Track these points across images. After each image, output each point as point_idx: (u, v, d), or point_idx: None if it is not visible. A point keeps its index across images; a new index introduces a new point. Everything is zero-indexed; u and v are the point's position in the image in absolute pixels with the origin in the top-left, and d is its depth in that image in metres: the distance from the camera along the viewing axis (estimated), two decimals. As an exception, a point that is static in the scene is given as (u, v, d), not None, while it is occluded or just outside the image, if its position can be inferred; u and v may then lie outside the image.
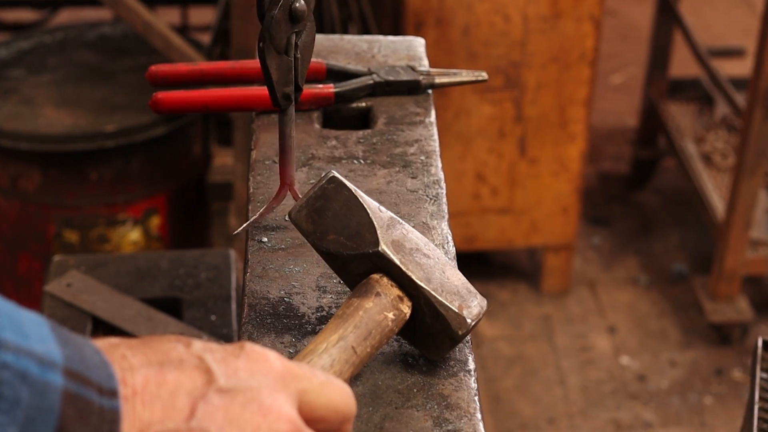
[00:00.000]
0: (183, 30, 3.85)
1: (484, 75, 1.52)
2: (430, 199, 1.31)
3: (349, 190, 1.08)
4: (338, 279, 1.16)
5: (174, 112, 1.46)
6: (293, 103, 1.23)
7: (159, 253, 2.53)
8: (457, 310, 1.05)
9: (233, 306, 1.79)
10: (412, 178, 1.34)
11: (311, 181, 1.32)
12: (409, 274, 1.05)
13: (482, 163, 3.55)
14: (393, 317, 1.04)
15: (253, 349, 0.79)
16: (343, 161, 1.36)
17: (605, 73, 4.88)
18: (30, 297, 3.12)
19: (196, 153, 3.32)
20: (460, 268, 1.19)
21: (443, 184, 1.33)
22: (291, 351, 1.08)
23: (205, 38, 3.56)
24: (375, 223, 1.06)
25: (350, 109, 1.48)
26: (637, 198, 4.31)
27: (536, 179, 3.60)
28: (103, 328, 1.73)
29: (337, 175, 1.08)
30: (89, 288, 1.79)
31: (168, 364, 0.74)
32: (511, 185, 3.60)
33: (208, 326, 1.75)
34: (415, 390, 1.04)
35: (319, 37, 1.63)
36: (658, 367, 3.57)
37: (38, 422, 0.66)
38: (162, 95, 1.39)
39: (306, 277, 1.17)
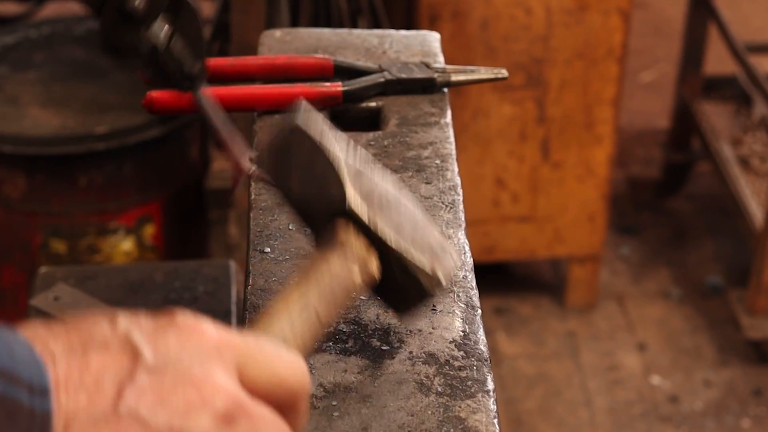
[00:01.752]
0: (179, 24, 3.85)
1: (504, 72, 1.52)
2: (446, 206, 1.30)
3: (312, 139, 1.04)
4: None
5: (169, 113, 1.47)
6: (197, 83, 1.25)
7: (153, 264, 2.54)
8: (428, 270, 1.04)
9: (233, 322, 1.79)
10: (427, 183, 1.34)
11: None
12: (379, 234, 1.03)
13: (502, 167, 3.55)
14: (359, 273, 1.02)
15: (185, 320, 0.80)
16: (352, 165, 1.36)
17: (634, 71, 4.87)
18: (14, 311, 3.12)
19: (194, 157, 3.32)
20: (477, 281, 1.19)
21: (460, 190, 1.33)
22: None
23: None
24: (342, 175, 1.04)
25: (360, 109, 1.48)
26: (669, 205, 4.31)
27: (560, 185, 3.59)
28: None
29: (299, 124, 1.05)
30: (78, 302, 1.79)
31: (91, 347, 0.75)
32: (533, 191, 3.60)
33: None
34: (429, 412, 1.04)
35: (326, 31, 1.64)
36: (691, 388, 3.56)
37: None
38: (157, 94, 1.39)
39: (312, 291, 1.17)
